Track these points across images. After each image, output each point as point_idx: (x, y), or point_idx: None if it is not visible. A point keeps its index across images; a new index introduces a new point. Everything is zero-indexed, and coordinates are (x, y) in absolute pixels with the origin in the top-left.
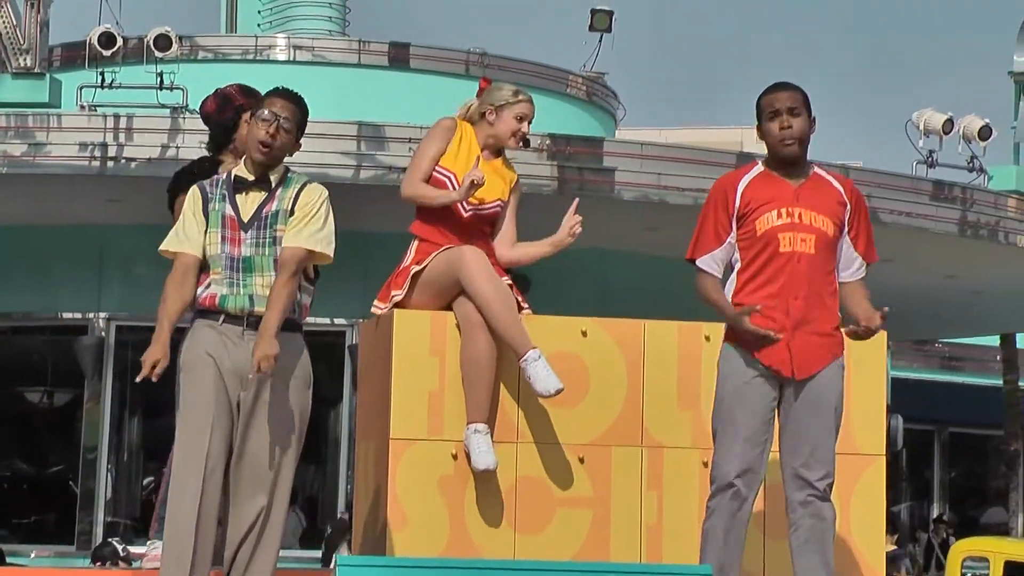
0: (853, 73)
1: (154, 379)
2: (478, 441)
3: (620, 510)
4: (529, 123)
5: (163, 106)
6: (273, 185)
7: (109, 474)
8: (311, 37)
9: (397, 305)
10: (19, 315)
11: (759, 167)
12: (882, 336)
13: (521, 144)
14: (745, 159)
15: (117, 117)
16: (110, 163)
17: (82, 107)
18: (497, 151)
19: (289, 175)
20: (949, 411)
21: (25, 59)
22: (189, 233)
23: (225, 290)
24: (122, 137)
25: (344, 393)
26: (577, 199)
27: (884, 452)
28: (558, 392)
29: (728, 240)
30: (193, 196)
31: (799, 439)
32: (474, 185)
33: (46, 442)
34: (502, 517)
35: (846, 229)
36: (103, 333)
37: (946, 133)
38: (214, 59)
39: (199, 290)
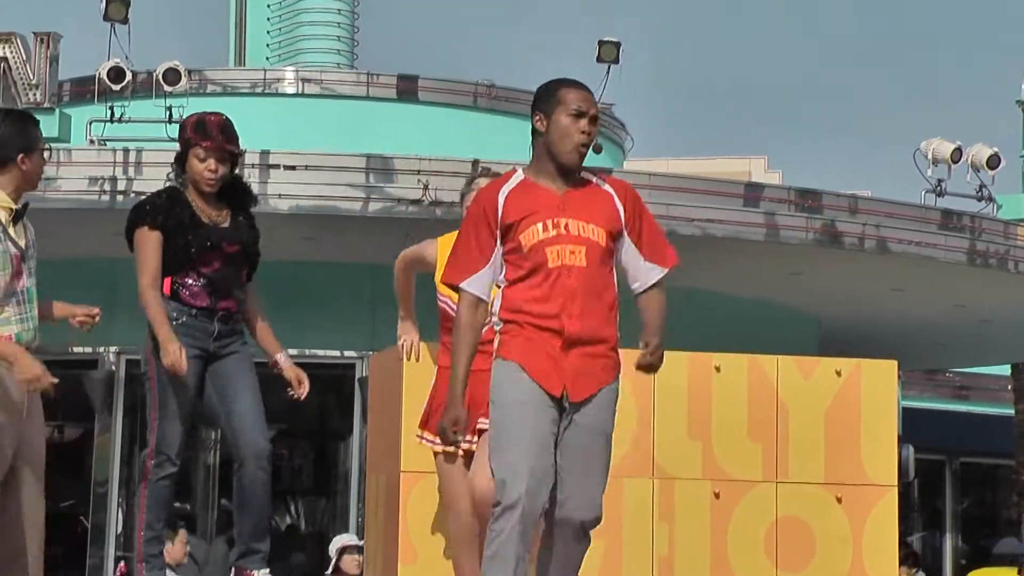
0: (861, 102)
1: None
2: None
3: (632, 542)
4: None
5: (172, 140)
6: None
7: (120, 509)
8: (320, 70)
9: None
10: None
11: (519, 175)
12: (892, 366)
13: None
14: (753, 189)
15: (127, 151)
16: (120, 197)
17: (91, 141)
18: None
19: None
20: (960, 441)
21: (35, 94)
22: None
23: (17, 327)
24: (131, 171)
25: (354, 426)
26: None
27: (896, 483)
28: None
29: (492, 259)
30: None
31: (566, 472)
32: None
33: (56, 476)
34: None
35: (625, 234)
36: (113, 367)
37: (955, 162)
38: (223, 92)
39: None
